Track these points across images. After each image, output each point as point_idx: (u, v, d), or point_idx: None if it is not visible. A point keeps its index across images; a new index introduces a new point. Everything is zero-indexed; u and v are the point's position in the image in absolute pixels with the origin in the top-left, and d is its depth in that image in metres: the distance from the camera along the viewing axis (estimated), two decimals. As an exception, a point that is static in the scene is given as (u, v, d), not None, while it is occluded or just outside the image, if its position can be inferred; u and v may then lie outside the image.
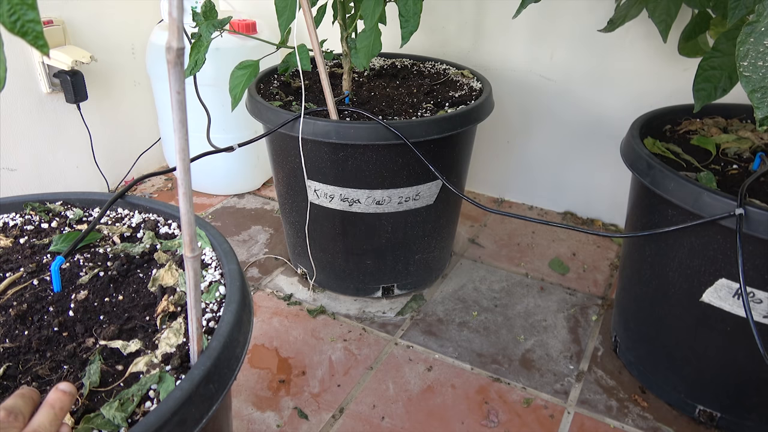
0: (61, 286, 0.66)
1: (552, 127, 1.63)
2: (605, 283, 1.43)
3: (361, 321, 1.28)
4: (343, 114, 1.14)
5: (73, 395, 0.46)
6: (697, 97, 0.92)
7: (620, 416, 1.06)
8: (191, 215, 0.46)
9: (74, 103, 1.55)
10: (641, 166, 0.96)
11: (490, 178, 1.80)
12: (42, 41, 0.41)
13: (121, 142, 1.78)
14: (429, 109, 1.20)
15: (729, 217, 0.81)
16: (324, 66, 1.09)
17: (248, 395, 1.08)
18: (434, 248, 1.32)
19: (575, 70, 1.52)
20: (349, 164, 1.11)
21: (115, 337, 0.59)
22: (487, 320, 1.29)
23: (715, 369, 0.98)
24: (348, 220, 1.20)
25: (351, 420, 1.03)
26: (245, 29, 1.52)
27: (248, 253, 1.50)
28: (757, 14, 0.69)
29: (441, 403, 1.07)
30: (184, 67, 0.39)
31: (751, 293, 0.85)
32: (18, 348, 0.58)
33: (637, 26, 1.38)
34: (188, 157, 0.43)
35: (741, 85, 0.72)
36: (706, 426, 1.04)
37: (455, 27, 1.62)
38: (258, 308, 1.30)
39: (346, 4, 1.18)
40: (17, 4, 0.39)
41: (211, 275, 0.67)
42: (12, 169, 1.50)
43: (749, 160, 1.03)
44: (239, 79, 1.11)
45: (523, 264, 1.49)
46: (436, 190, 1.19)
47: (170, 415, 0.46)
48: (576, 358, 1.19)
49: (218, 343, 0.53)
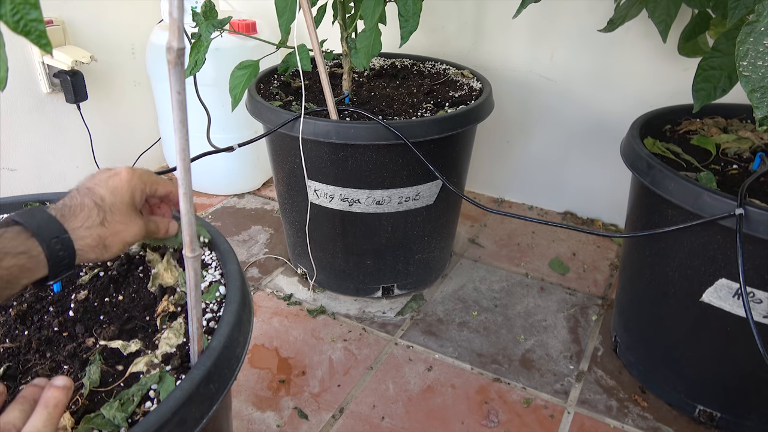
0: (61, 286, 0.66)
1: (552, 127, 1.63)
2: (605, 283, 1.43)
3: (361, 321, 1.28)
4: (343, 114, 1.14)
5: (68, 389, 0.46)
6: (697, 97, 0.92)
7: (620, 416, 1.06)
8: (191, 215, 0.46)
9: (74, 103, 1.55)
10: (641, 166, 0.96)
11: (490, 178, 1.80)
12: (45, 40, 0.41)
13: (121, 142, 1.78)
14: (429, 109, 1.20)
15: (729, 217, 0.81)
16: (324, 66, 1.09)
17: (248, 395, 1.08)
18: (434, 248, 1.32)
19: (575, 70, 1.52)
20: (349, 164, 1.11)
21: (115, 337, 0.59)
22: (487, 320, 1.29)
23: (715, 369, 0.98)
24: (348, 220, 1.20)
25: (351, 420, 1.03)
26: (245, 29, 1.52)
27: (248, 253, 1.50)
28: (756, 14, 0.69)
29: (441, 403, 1.07)
30: (184, 67, 0.39)
31: (751, 293, 0.85)
32: (18, 348, 0.58)
33: (637, 26, 1.38)
34: (188, 157, 0.43)
35: (741, 85, 0.72)
36: (706, 426, 1.04)
37: (455, 27, 1.62)
38: (258, 308, 1.30)
39: (346, 4, 1.18)
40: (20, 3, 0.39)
41: (211, 275, 0.67)
42: (12, 169, 1.50)
43: (749, 160, 1.03)
44: (239, 79, 1.11)
45: (523, 264, 1.49)
46: (436, 190, 1.19)
47: (170, 415, 0.46)
48: (576, 358, 1.19)
49: (218, 343, 0.53)
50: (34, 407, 0.44)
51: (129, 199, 0.56)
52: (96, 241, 0.53)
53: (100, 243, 0.53)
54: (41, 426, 0.43)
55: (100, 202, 0.54)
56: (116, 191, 0.55)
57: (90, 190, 0.54)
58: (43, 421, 0.43)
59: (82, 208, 0.53)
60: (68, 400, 0.46)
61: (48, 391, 0.45)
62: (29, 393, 0.46)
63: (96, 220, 0.53)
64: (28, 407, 0.44)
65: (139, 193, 0.57)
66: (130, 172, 0.57)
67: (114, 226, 0.54)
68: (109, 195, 0.55)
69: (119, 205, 0.55)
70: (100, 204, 0.54)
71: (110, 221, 0.54)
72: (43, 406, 0.44)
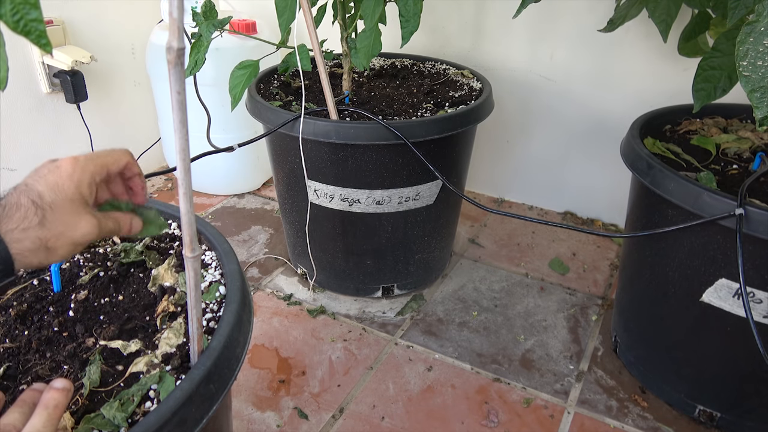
0: (61, 286, 0.66)
1: (552, 127, 1.63)
2: (605, 283, 1.43)
3: (361, 321, 1.28)
4: (343, 114, 1.14)
5: (68, 391, 0.46)
6: (697, 97, 0.92)
7: (620, 416, 1.06)
8: (191, 215, 0.46)
9: (74, 103, 1.55)
10: (641, 166, 0.96)
11: (490, 178, 1.80)
12: (45, 40, 0.41)
13: (121, 142, 1.78)
14: (429, 109, 1.20)
15: (729, 217, 0.81)
16: (324, 66, 1.09)
17: (248, 395, 1.08)
18: (434, 248, 1.32)
19: (575, 70, 1.52)
20: (349, 164, 1.11)
21: (115, 337, 0.59)
22: (487, 320, 1.29)
23: (715, 369, 0.98)
24: (348, 220, 1.20)
25: (351, 420, 1.03)
26: (245, 29, 1.52)
27: (248, 253, 1.50)
28: (756, 14, 0.69)
29: (441, 403, 1.07)
30: (184, 67, 0.39)
31: (751, 293, 0.85)
32: (18, 348, 0.58)
33: (637, 26, 1.38)
34: (188, 157, 0.43)
35: (740, 85, 0.72)
36: (706, 426, 1.04)
37: (455, 27, 1.62)
38: (258, 308, 1.30)
39: (346, 4, 1.18)
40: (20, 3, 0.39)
41: (211, 275, 0.67)
42: (12, 169, 1.50)
43: (749, 160, 1.03)
44: (239, 79, 1.11)
45: (523, 264, 1.49)
46: (436, 190, 1.19)
47: (170, 415, 0.46)
48: (576, 358, 1.19)
49: (218, 343, 0.53)
50: (34, 410, 0.44)
51: (73, 194, 0.49)
52: (36, 243, 0.47)
53: (41, 246, 0.48)
54: (41, 426, 0.43)
55: (38, 200, 0.48)
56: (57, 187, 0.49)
57: (28, 187, 0.49)
58: (43, 422, 0.43)
59: (18, 207, 0.47)
60: (68, 401, 0.46)
61: (47, 392, 0.45)
62: (28, 396, 0.46)
63: (34, 221, 0.47)
64: (28, 410, 0.44)
65: (86, 186, 0.50)
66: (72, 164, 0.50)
67: (56, 227, 0.48)
68: (49, 191, 0.48)
69: (60, 202, 0.49)
70: (38, 202, 0.48)
71: (51, 221, 0.48)
72: (42, 407, 0.44)
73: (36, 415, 0.44)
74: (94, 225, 0.51)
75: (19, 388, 0.53)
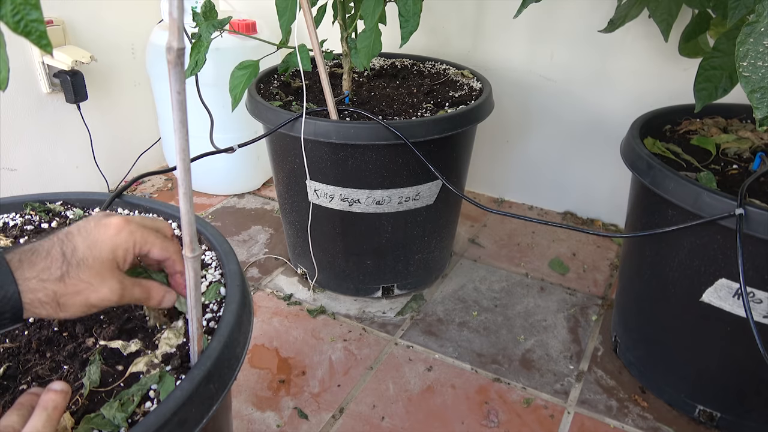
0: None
1: (552, 127, 1.63)
2: (605, 283, 1.43)
3: (361, 321, 1.28)
4: (343, 114, 1.14)
5: (66, 393, 0.46)
6: (699, 97, 0.92)
7: (620, 416, 1.06)
8: (191, 215, 0.46)
9: (74, 103, 1.55)
10: (641, 166, 0.96)
11: (490, 178, 1.80)
12: (45, 40, 0.41)
13: (121, 142, 1.78)
14: (429, 109, 1.20)
15: (729, 217, 0.81)
16: (324, 66, 1.09)
17: (248, 395, 1.08)
18: (434, 248, 1.32)
19: (575, 70, 1.52)
20: (349, 164, 1.11)
21: (115, 337, 0.59)
22: (487, 320, 1.29)
23: (715, 369, 0.98)
24: (348, 220, 1.20)
25: (351, 420, 1.03)
26: (245, 29, 1.52)
27: (248, 253, 1.50)
28: (756, 14, 0.69)
29: (441, 403, 1.07)
30: (184, 68, 0.39)
31: (751, 293, 0.85)
32: (18, 348, 0.58)
33: (638, 26, 1.38)
34: (188, 157, 0.43)
35: (740, 86, 0.72)
36: (706, 426, 1.04)
37: (455, 27, 1.62)
38: (258, 308, 1.30)
39: (346, 4, 1.18)
40: (20, 3, 0.39)
41: (211, 275, 0.67)
42: (12, 169, 1.50)
43: (749, 160, 1.03)
44: (239, 79, 1.11)
45: (523, 264, 1.49)
46: (436, 190, 1.19)
47: (171, 415, 0.46)
48: (576, 358, 1.19)
49: (218, 343, 0.53)
50: (32, 412, 0.44)
51: (107, 255, 0.48)
52: (49, 297, 0.46)
53: (52, 300, 0.46)
54: (41, 427, 0.43)
55: (69, 253, 0.47)
56: (95, 244, 0.48)
57: (67, 237, 0.48)
58: (42, 423, 0.43)
59: (47, 256, 0.46)
60: (66, 403, 0.46)
61: (46, 394, 0.45)
62: (27, 400, 0.46)
63: (55, 274, 0.46)
64: (26, 412, 0.44)
65: (122, 252, 0.49)
66: (121, 225, 0.49)
67: (75, 284, 0.47)
68: (84, 247, 0.47)
69: (92, 261, 0.47)
70: (68, 255, 0.47)
71: (72, 277, 0.46)
72: (41, 409, 0.44)
73: (35, 417, 0.44)
74: (116, 292, 0.49)
75: (19, 389, 0.53)
